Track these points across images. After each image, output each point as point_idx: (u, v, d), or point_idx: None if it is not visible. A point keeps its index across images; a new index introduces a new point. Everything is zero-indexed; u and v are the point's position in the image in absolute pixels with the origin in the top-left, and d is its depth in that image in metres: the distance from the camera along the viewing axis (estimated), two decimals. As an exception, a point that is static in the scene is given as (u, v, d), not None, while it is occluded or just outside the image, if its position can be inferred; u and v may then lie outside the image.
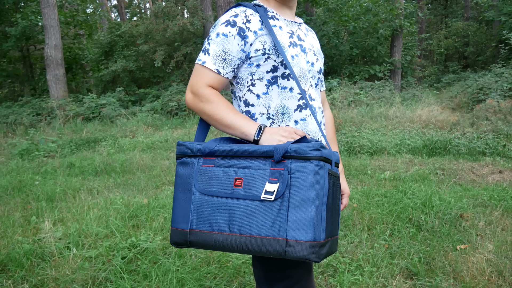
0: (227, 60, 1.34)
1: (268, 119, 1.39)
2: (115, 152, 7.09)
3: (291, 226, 1.11)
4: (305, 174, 1.13)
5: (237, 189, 1.19)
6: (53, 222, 3.60)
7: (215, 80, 1.34)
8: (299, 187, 1.13)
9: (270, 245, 1.13)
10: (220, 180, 1.22)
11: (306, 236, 1.10)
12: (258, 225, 1.15)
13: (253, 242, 1.15)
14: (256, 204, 1.16)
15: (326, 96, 1.78)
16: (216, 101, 1.31)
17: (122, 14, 25.28)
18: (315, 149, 1.13)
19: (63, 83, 12.22)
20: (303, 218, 1.11)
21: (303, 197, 1.12)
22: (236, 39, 1.33)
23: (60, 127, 9.83)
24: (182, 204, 1.26)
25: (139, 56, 14.86)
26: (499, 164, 5.37)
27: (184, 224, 1.24)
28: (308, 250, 1.10)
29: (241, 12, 1.36)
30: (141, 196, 4.41)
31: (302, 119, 1.42)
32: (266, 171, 1.17)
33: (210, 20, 13.64)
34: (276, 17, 1.43)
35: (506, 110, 8.00)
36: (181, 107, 10.57)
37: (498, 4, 15.60)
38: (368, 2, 13.73)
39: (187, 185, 1.26)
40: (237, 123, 1.30)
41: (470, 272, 2.63)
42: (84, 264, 2.78)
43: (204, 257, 2.90)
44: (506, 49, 12.37)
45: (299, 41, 1.44)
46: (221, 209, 1.19)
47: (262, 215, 1.15)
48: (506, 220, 3.44)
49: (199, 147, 1.27)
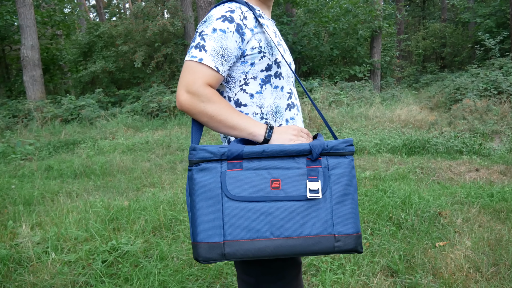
0: (226, 57, 1.25)
1: (261, 119, 1.34)
2: (94, 154, 6.98)
3: (337, 221, 1.15)
4: (343, 169, 1.18)
5: (275, 191, 1.14)
6: (30, 226, 3.52)
7: (214, 79, 1.24)
8: (339, 183, 1.17)
9: (320, 243, 1.13)
10: (254, 183, 1.15)
11: (351, 229, 1.16)
12: (303, 226, 1.13)
13: (301, 243, 1.13)
14: (298, 204, 1.14)
15: None
16: (218, 101, 1.23)
17: (101, 14, 24.94)
18: (350, 144, 1.19)
19: (40, 84, 11.97)
20: (347, 212, 1.16)
21: (344, 192, 1.17)
22: (234, 36, 1.25)
23: (37, 129, 9.63)
24: (208, 214, 1.15)
25: (118, 56, 14.67)
26: (475, 162, 5.50)
27: (215, 236, 1.14)
28: (355, 242, 1.15)
29: (237, 8, 1.29)
30: (122, 199, 4.36)
31: (291, 118, 1.42)
32: (302, 170, 1.16)
33: (190, 20, 13.57)
34: (263, 15, 1.40)
35: (482, 110, 8.20)
36: (162, 108, 10.47)
37: (474, 6, 15.98)
38: (348, 3, 13.88)
39: (212, 193, 1.15)
40: (243, 123, 1.24)
41: (449, 268, 2.68)
42: (63, 268, 2.72)
43: (186, 259, 2.88)
44: (481, 50, 12.67)
45: (281, 41, 1.43)
46: (260, 214, 1.13)
47: (306, 215, 1.14)
48: (483, 217, 3.52)
49: (224, 150, 1.17)
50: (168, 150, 7.13)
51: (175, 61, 14.20)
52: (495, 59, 10.77)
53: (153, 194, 4.43)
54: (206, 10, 11.36)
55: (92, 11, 31.60)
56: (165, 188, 4.74)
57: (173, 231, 3.37)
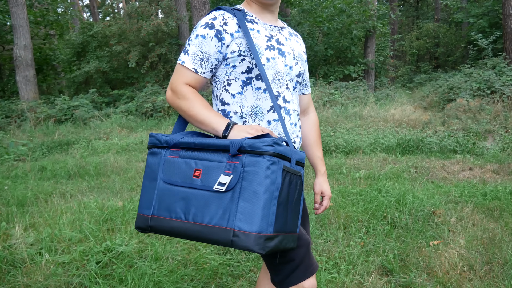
0: (205, 60, 1.41)
1: (241, 118, 1.45)
2: (88, 155, 6.95)
3: (239, 217, 1.16)
4: (257, 168, 1.17)
5: (195, 180, 1.25)
6: (24, 227, 3.50)
7: (192, 79, 1.43)
8: (250, 181, 1.18)
9: (219, 234, 1.18)
10: (181, 170, 1.28)
11: (252, 227, 1.15)
12: (210, 215, 1.20)
13: (204, 230, 1.20)
14: (210, 195, 1.21)
15: (311, 99, 1.81)
16: (191, 98, 1.40)
17: (95, 14, 24.83)
18: (269, 144, 1.18)
19: (33, 84, 11.90)
20: (251, 210, 1.16)
21: (253, 190, 1.17)
22: (213, 41, 1.40)
23: (31, 130, 9.56)
24: (147, 191, 1.34)
25: (112, 56, 14.61)
26: (469, 162, 5.53)
27: (147, 210, 1.32)
28: (253, 241, 1.15)
29: (220, 15, 1.43)
30: (116, 199, 4.34)
31: (275, 119, 1.47)
32: (223, 164, 1.23)
33: (184, 20, 13.54)
34: (255, 20, 1.49)
35: (475, 109, 8.25)
36: (156, 108, 10.44)
37: (467, 6, 16.08)
38: (342, 3, 13.91)
39: (153, 174, 1.34)
40: (208, 119, 1.37)
41: (443, 267, 2.69)
42: (57, 270, 2.71)
43: (181, 259, 2.87)
44: (474, 50, 12.75)
45: (277, 45, 1.49)
46: (179, 197, 1.26)
47: (214, 205, 1.20)
48: (476, 216, 3.55)
49: (167, 138, 1.35)
50: (163, 150, 7.11)
51: (169, 61, 14.16)
52: (488, 59, 10.83)
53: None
54: (200, 10, 11.35)
55: (86, 10, 31.45)
56: (159, 189, 4.72)
57: (167, 231, 3.36)
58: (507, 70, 9.75)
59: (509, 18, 10.17)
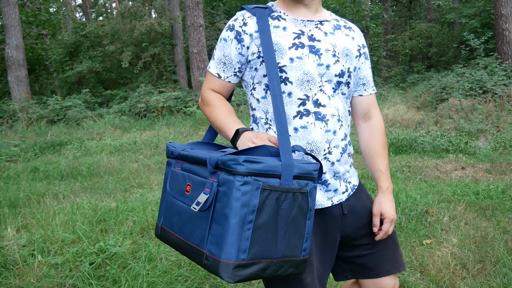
0: (227, 64, 1.36)
1: (265, 124, 1.35)
2: (81, 155, 6.91)
3: (211, 240, 1.07)
4: (228, 189, 1.05)
5: (186, 195, 1.20)
6: (16, 228, 3.47)
7: (216, 84, 1.40)
8: (220, 201, 1.07)
9: (196, 255, 1.12)
10: (179, 183, 1.25)
11: (219, 253, 1.04)
12: (191, 233, 1.14)
13: (189, 249, 1.15)
14: (192, 213, 1.15)
15: (374, 101, 1.54)
16: (213, 104, 1.37)
17: (87, 13, 24.69)
18: (238, 163, 1.04)
19: (25, 84, 11.80)
20: (220, 234, 1.05)
21: (222, 212, 1.06)
22: (233, 43, 1.34)
23: (23, 130, 9.49)
24: (162, 201, 1.35)
25: (105, 56, 14.53)
26: (461, 161, 5.57)
27: (159, 219, 1.34)
28: (220, 268, 1.04)
29: (240, 15, 1.36)
30: (109, 200, 4.32)
31: (302, 126, 1.30)
32: (205, 180, 1.13)
33: (178, 20, 13.50)
34: (283, 17, 1.35)
35: (468, 109, 8.31)
36: (150, 109, 10.40)
37: (459, 6, 16.18)
38: (335, 3, 13.95)
39: (165, 184, 1.34)
40: (224, 125, 1.31)
41: (436, 265, 2.71)
42: (50, 271, 2.69)
43: (175, 260, 2.86)
44: (466, 50, 12.83)
45: (310, 42, 1.33)
46: (176, 211, 1.23)
47: (195, 224, 1.13)
48: (469, 215, 3.57)
49: (173, 149, 1.33)
50: (156, 150, 7.09)
51: (162, 61, 14.11)
52: (480, 59, 10.91)
53: (141, 195, 4.40)
54: (194, 10, 11.30)
55: (78, 10, 31.27)
56: (153, 189, 4.71)
57: (161, 232, 3.35)
58: (499, 70, 9.83)
59: (501, 18, 10.25)
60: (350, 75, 1.39)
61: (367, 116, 1.53)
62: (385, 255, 1.51)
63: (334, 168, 1.37)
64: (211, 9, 16.16)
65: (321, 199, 1.37)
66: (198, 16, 11.34)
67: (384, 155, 1.50)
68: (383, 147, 1.51)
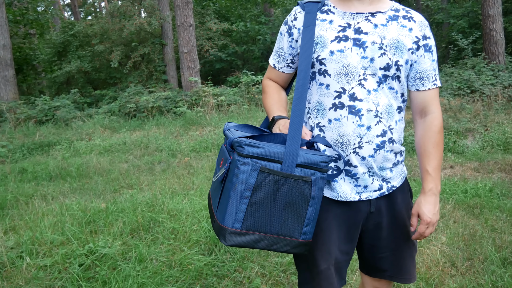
0: (281, 55, 1.50)
1: (307, 113, 1.44)
2: (70, 156, 6.84)
3: (220, 207, 1.26)
4: (233, 166, 1.22)
5: (219, 167, 1.34)
6: (4, 230, 3.43)
7: (272, 74, 1.56)
8: (229, 177, 1.24)
9: (212, 217, 1.32)
10: (220, 157, 1.38)
11: (221, 219, 1.22)
12: (214, 199, 1.34)
13: (210, 212, 1.37)
14: (216, 182, 1.35)
15: (433, 97, 1.44)
16: (267, 91, 1.55)
17: (76, 13, 24.44)
18: (240, 146, 1.19)
19: (13, 84, 11.65)
20: (224, 204, 1.22)
21: (227, 186, 1.23)
22: (285, 36, 1.47)
23: (10, 131, 9.37)
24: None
25: (94, 56, 14.41)
26: (450, 160, 5.63)
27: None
28: (218, 230, 1.23)
29: (293, 10, 1.47)
30: (99, 201, 4.28)
31: (336, 119, 1.34)
32: (227, 157, 1.29)
33: (167, 20, 13.43)
34: (332, 10, 1.38)
35: (456, 108, 8.39)
36: (140, 109, 10.33)
37: (447, 7, 16.35)
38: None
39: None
40: (269, 112, 1.47)
41: (425, 263, 2.73)
42: (38, 273, 2.66)
43: (165, 260, 2.85)
44: (455, 50, 12.96)
45: (355, 34, 1.32)
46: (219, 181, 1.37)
47: (216, 192, 1.33)
48: (458, 213, 3.61)
49: (224, 127, 1.48)
50: (146, 151, 7.05)
51: (152, 61, 14.03)
52: (468, 58, 11.02)
53: (131, 195, 4.37)
54: (183, 9, 11.23)
55: (67, 9, 30.96)
56: (143, 190, 4.69)
57: (151, 232, 3.34)
58: (486, 70, 9.95)
59: (488, 19, 10.37)
60: (399, 69, 1.34)
61: (424, 112, 1.45)
62: (397, 261, 1.55)
63: (366, 163, 1.37)
64: (201, 8, 16.12)
65: (348, 192, 1.40)
66: (188, 16, 11.29)
67: (434, 154, 1.41)
68: (434, 146, 1.42)
